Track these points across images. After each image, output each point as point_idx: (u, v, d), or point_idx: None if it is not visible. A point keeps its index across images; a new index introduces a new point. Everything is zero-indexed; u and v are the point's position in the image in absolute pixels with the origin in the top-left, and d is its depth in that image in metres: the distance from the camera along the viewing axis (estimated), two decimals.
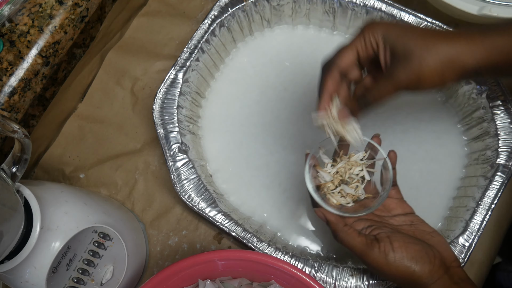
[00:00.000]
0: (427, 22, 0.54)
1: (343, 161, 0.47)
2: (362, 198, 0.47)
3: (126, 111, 0.63)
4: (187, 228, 0.58)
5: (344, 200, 0.46)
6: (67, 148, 0.62)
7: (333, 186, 0.47)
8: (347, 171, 0.46)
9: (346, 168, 0.46)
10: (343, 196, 0.47)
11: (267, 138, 0.59)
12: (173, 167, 0.53)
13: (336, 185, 0.47)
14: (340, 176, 0.47)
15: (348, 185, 0.46)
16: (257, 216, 0.57)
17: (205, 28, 0.56)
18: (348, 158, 0.47)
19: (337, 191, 0.47)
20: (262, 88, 0.61)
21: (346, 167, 0.46)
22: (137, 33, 0.65)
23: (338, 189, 0.47)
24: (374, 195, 0.47)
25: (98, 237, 0.49)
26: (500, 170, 0.51)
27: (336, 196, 0.46)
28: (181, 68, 0.55)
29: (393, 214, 0.47)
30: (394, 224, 0.46)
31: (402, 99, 0.59)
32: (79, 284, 0.48)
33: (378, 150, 0.46)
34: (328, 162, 0.47)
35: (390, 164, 0.45)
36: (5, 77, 0.56)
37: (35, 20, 0.57)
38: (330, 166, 0.47)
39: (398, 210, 0.47)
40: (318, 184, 0.47)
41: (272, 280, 0.48)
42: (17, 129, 0.42)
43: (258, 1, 0.57)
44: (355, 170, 0.47)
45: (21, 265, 0.42)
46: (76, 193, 0.50)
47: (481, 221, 0.50)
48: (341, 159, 0.47)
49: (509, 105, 0.52)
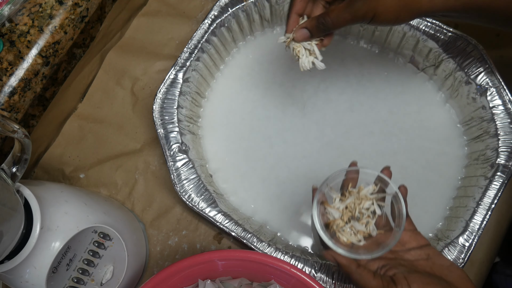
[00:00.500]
0: None
1: (352, 196, 0.45)
2: (374, 235, 0.45)
3: (126, 111, 0.63)
4: (187, 228, 0.58)
5: (355, 238, 0.44)
6: (67, 148, 0.62)
7: (342, 223, 0.44)
8: (356, 207, 0.44)
9: (355, 203, 0.44)
10: (353, 233, 0.44)
11: (267, 137, 0.59)
12: (173, 167, 0.53)
13: (345, 221, 0.44)
14: (349, 211, 0.45)
15: (358, 221, 0.44)
16: (257, 216, 0.57)
17: (205, 28, 0.56)
18: (358, 193, 0.45)
19: (347, 227, 0.44)
20: (262, 88, 0.61)
21: (355, 202, 0.44)
22: (137, 33, 0.65)
23: (348, 226, 0.44)
24: (386, 229, 0.44)
25: (98, 237, 0.49)
26: (500, 170, 0.51)
27: (346, 234, 0.44)
28: (181, 68, 0.55)
29: (408, 248, 0.44)
30: (410, 259, 0.43)
31: (402, 99, 0.59)
32: (79, 284, 0.48)
33: (388, 183, 0.44)
34: (336, 196, 0.45)
35: (402, 198, 0.42)
36: (5, 77, 0.56)
37: (35, 20, 0.57)
38: (338, 201, 0.45)
39: (413, 243, 0.44)
40: (326, 221, 0.45)
41: (272, 280, 0.48)
42: (17, 129, 0.42)
43: (258, 1, 0.57)
44: (365, 204, 0.44)
45: (21, 265, 0.42)
46: (76, 193, 0.50)
47: (481, 221, 0.50)
48: (350, 194, 0.45)
49: (509, 105, 0.52)
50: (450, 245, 0.50)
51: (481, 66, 0.53)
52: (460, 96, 0.56)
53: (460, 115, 0.57)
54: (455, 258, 0.50)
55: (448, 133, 0.58)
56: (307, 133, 0.59)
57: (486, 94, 0.53)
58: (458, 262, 0.50)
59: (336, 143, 0.58)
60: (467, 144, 0.57)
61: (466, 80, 0.54)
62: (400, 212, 0.42)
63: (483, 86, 0.53)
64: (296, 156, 0.58)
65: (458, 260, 0.50)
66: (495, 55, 0.58)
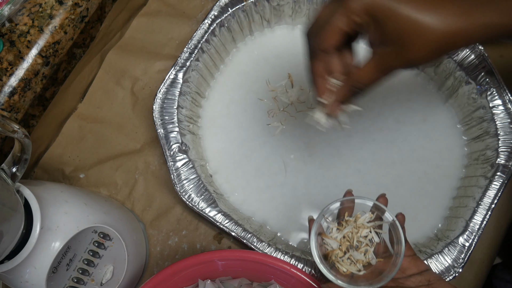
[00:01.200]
0: None
1: (350, 225, 0.44)
2: (373, 263, 0.44)
3: (126, 111, 0.63)
4: (187, 228, 0.58)
5: (354, 268, 0.44)
6: (67, 148, 0.62)
7: (341, 253, 0.44)
8: (354, 235, 0.44)
9: (353, 232, 0.44)
10: (353, 262, 0.44)
11: (267, 138, 0.59)
12: (173, 167, 0.53)
13: (344, 251, 0.44)
14: (347, 241, 0.44)
15: (357, 250, 0.44)
16: (257, 216, 0.57)
17: (205, 28, 0.56)
18: (355, 221, 0.45)
19: (346, 257, 0.44)
20: (262, 88, 0.61)
21: (353, 231, 0.44)
22: (137, 33, 0.65)
23: (347, 256, 0.44)
24: (385, 256, 0.44)
25: (98, 237, 0.49)
26: (500, 170, 0.51)
27: (346, 264, 0.44)
28: (181, 68, 0.55)
29: (408, 275, 0.43)
30: (411, 286, 0.42)
31: (402, 100, 0.59)
32: (79, 284, 0.48)
33: (385, 210, 0.44)
34: (333, 226, 0.45)
35: (399, 226, 0.42)
36: (5, 77, 0.56)
37: (35, 20, 0.57)
38: (335, 231, 0.45)
39: (413, 269, 0.43)
40: (325, 252, 0.45)
41: (272, 280, 0.48)
42: (17, 129, 0.42)
43: (258, 1, 0.57)
44: (363, 232, 0.44)
45: (21, 265, 0.42)
46: (76, 193, 0.50)
47: (481, 221, 0.50)
48: (347, 223, 0.45)
49: (509, 105, 0.52)
50: (450, 245, 0.50)
51: (481, 66, 0.53)
52: (460, 96, 0.56)
53: (460, 115, 0.57)
54: (455, 258, 0.50)
55: (448, 133, 0.58)
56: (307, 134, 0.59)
57: (486, 94, 0.53)
58: (458, 262, 0.50)
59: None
60: (467, 144, 0.57)
61: (466, 80, 0.54)
62: (399, 240, 0.42)
63: (483, 86, 0.53)
64: (297, 156, 0.58)
65: (458, 260, 0.50)
66: (495, 55, 0.58)
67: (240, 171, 0.59)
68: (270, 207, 0.57)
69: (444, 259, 0.50)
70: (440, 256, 0.50)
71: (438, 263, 0.50)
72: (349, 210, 0.45)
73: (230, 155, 0.59)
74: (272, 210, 0.57)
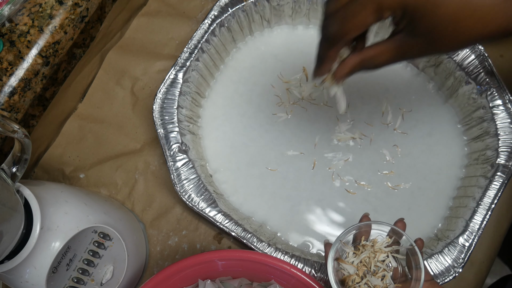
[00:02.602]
0: None
1: (367, 250, 0.44)
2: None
3: (126, 111, 0.63)
4: (187, 228, 0.58)
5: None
6: (67, 148, 0.62)
7: (358, 278, 0.43)
8: (371, 260, 0.43)
9: (370, 257, 0.43)
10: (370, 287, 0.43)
11: (267, 137, 0.59)
12: (173, 167, 0.53)
13: (361, 276, 0.43)
14: (364, 266, 0.43)
15: (374, 275, 0.43)
16: (257, 216, 0.57)
17: (205, 28, 0.56)
18: (372, 246, 0.44)
19: (363, 282, 0.43)
20: (262, 88, 0.61)
21: (370, 255, 0.43)
22: (137, 33, 0.65)
23: (364, 281, 0.43)
24: (402, 280, 0.43)
25: (98, 237, 0.49)
26: (500, 170, 0.51)
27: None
28: (181, 68, 0.55)
29: None
30: None
31: (402, 99, 0.59)
32: (79, 284, 0.48)
33: (402, 235, 0.43)
34: (350, 251, 0.45)
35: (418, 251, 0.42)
36: (5, 77, 0.56)
37: (35, 20, 0.57)
38: (352, 256, 0.44)
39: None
40: (341, 278, 0.44)
41: (272, 280, 0.48)
42: (17, 129, 0.42)
43: (258, 1, 0.57)
44: (380, 257, 0.43)
45: (21, 265, 0.42)
46: (76, 193, 0.50)
47: (481, 221, 0.50)
48: (364, 247, 0.44)
49: (509, 105, 0.52)
50: (450, 245, 0.50)
51: (481, 66, 0.53)
52: (460, 96, 0.56)
53: (460, 115, 0.57)
54: (455, 258, 0.50)
55: (448, 133, 0.58)
56: (307, 133, 0.59)
57: (486, 94, 0.53)
58: (458, 262, 0.50)
59: None
60: (467, 144, 0.57)
61: (466, 80, 0.54)
62: (418, 265, 0.41)
63: (483, 86, 0.53)
64: (297, 156, 0.58)
65: (458, 260, 0.50)
66: (495, 55, 0.58)
67: (240, 171, 0.59)
68: (270, 207, 0.57)
69: (444, 259, 0.50)
70: (440, 256, 0.50)
71: (438, 263, 0.50)
72: (365, 235, 0.45)
73: (230, 155, 0.59)
74: (272, 210, 0.57)
